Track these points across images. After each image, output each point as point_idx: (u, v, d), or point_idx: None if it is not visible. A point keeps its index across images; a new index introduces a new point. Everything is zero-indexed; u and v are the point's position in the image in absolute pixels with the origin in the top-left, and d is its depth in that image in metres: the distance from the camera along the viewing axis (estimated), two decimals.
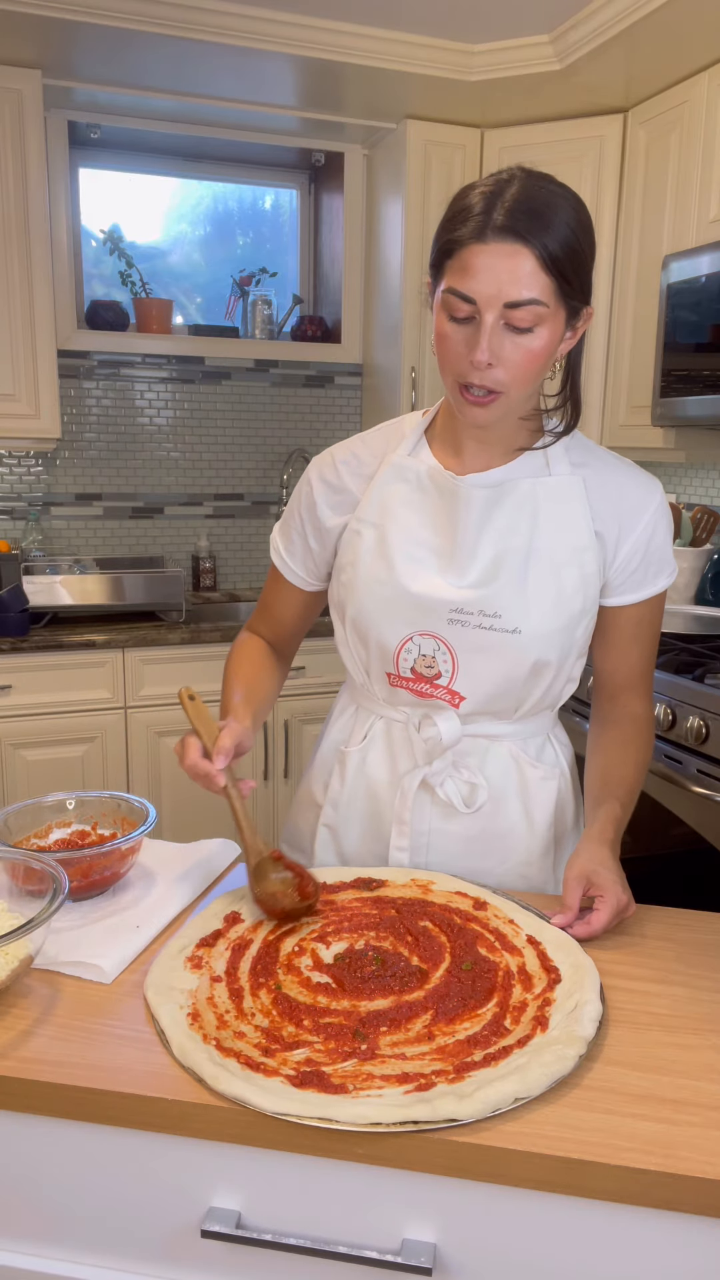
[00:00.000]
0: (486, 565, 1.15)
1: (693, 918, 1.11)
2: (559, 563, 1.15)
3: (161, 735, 2.88)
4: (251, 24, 2.47)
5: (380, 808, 1.26)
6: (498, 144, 2.97)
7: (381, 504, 1.19)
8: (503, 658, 1.16)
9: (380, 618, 1.19)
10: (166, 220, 3.41)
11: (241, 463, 3.47)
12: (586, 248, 1.03)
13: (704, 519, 2.84)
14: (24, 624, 2.74)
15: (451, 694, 1.20)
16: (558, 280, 1.00)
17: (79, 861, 1.06)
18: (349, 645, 1.25)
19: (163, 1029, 0.86)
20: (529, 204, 0.98)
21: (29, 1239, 0.87)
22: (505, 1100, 0.77)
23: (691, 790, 1.99)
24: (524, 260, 0.98)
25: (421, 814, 1.24)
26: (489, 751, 1.24)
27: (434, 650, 1.18)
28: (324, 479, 1.24)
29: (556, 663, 1.19)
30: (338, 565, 1.24)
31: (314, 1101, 0.76)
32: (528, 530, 1.15)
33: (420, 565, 1.17)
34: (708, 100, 2.44)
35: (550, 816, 1.26)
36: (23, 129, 2.70)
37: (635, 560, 1.18)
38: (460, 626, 1.16)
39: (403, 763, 1.25)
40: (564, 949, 0.99)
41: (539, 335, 1.02)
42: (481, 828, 1.24)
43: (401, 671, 1.21)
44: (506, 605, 1.15)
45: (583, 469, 1.17)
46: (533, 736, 1.26)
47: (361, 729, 1.28)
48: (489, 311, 1.00)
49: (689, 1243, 0.75)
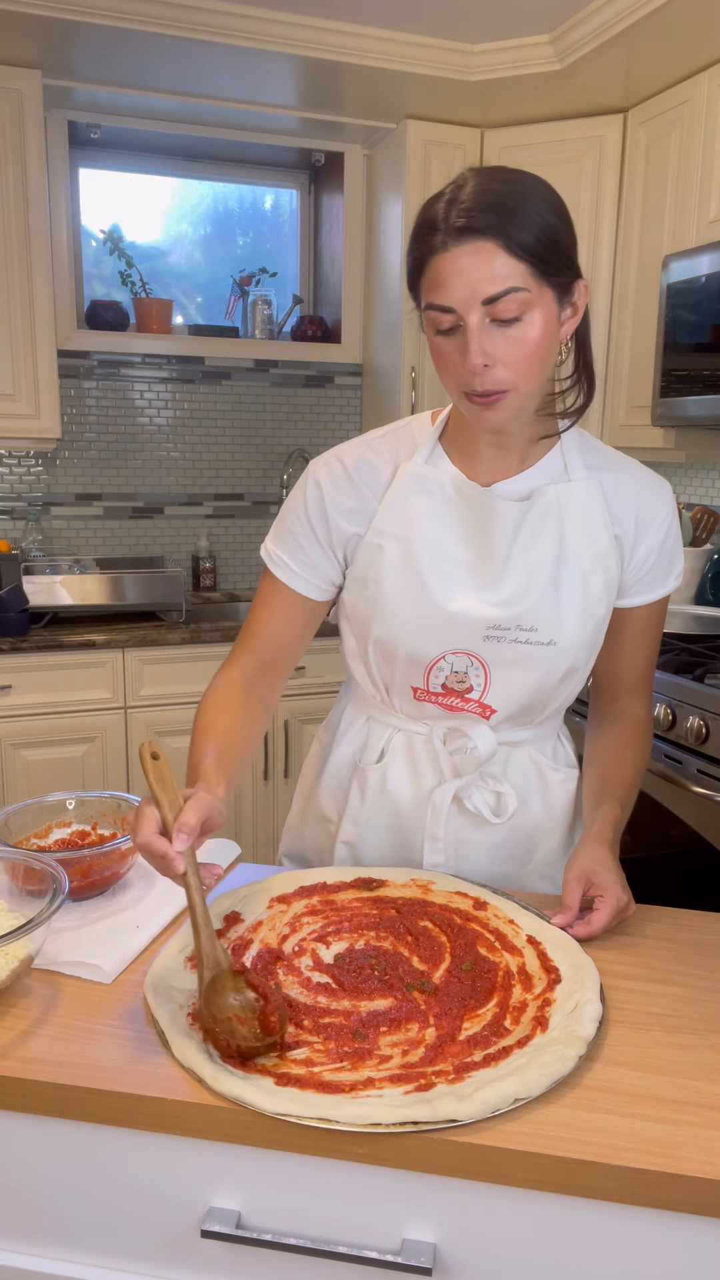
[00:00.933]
0: (520, 578, 1.13)
1: (693, 918, 1.11)
2: (586, 571, 1.14)
3: (161, 735, 2.88)
4: (251, 24, 2.47)
5: (404, 822, 1.25)
6: (498, 144, 2.97)
7: (403, 516, 1.14)
8: (538, 669, 1.15)
9: (413, 637, 1.15)
10: (166, 220, 3.42)
11: (241, 463, 3.47)
12: (556, 222, 1.00)
13: (704, 519, 2.84)
14: (24, 624, 2.74)
15: (483, 707, 1.19)
16: (531, 263, 0.97)
17: (79, 861, 1.06)
18: (369, 661, 1.20)
19: (162, 1029, 0.86)
20: (483, 199, 0.97)
21: (29, 1239, 0.87)
22: (505, 1101, 0.77)
23: (691, 790, 1.99)
24: (491, 254, 0.96)
25: (451, 826, 1.22)
26: (510, 758, 1.23)
27: (467, 666, 1.16)
28: (335, 483, 1.16)
29: (584, 668, 1.19)
30: (357, 579, 1.17)
31: (314, 1102, 0.76)
32: (554, 539, 1.13)
33: (452, 582, 1.13)
34: (708, 100, 2.44)
35: (570, 815, 1.28)
36: (23, 129, 2.71)
37: (650, 561, 1.18)
38: (496, 642, 1.14)
39: (427, 776, 1.23)
40: (564, 949, 0.99)
41: (530, 323, 0.99)
42: (507, 834, 1.24)
43: (431, 688, 1.18)
44: (543, 619, 1.13)
45: (599, 472, 1.16)
46: (548, 739, 1.27)
47: (378, 744, 1.25)
48: (471, 314, 0.98)
49: (689, 1243, 0.75)
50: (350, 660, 1.25)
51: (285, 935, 1.02)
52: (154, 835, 0.89)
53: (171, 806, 0.91)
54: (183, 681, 2.88)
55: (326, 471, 1.17)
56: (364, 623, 1.18)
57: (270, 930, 1.03)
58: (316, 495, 1.17)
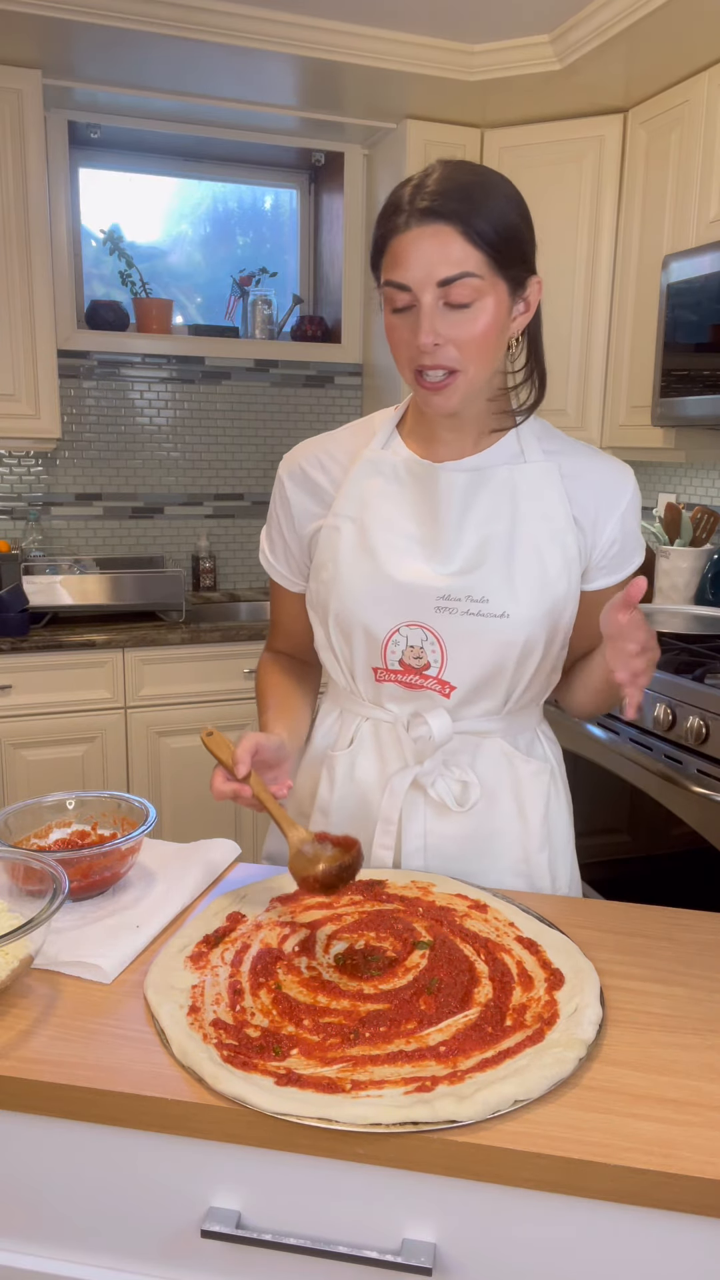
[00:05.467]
0: (471, 551, 1.15)
1: (693, 918, 1.11)
2: (542, 546, 1.16)
3: (162, 735, 2.88)
4: (251, 24, 2.47)
5: (371, 811, 1.25)
6: (498, 144, 2.97)
7: (359, 498, 1.19)
8: (492, 642, 1.16)
9: (366, 611, 1.18)
10: (166, 220, 3.42)
11: (241, 463, 3.47)
12: (514, 218, 1.05)
13: (704, 519, 2.84)
14: (24, 624, 2.74)
15: (441, 684, 1.19)
16: (488, 252, 1.02)
17: (79, 861, 1.06)
18: (331, 646, 1.24)
19: (163, 1028, 0.86)
20: (448, 185, 1.02)
21: (29, 1239, 0.87)
22: (505, 1102, 0.77)
23: (691, 790, 1.99)
24: (449, 238, 1.01)
25: (415, 815, 1.23)
26: (480, 748, 1.23)
27: (422, 640, 1.17)
28: (293, 478, 1.24)
29: (544, 647, 1.18)
30: (316, 564, 1.23)
31: (314, 1101, 0.76)
32: (509, 515, 1.15)
33: (404, 555, 1.16)
34: (708, 100, 2.44)
35: (543, 812, 1.26)
36: (23, 129, 2.71)
37: (616, 544, 1.20)
38: (448, 614, 1.16)
39: (392, 764, 1.24)
40: (564, 952, 0.99)
41: (481, 309, 1.03)
42: (476, 826, 1.23)
43: (389, 664, 1.20)
44: (494, 589, 1.15)
45: (556, 456, 1.18)
46: (522, 732, 1.26)
47: (348, 733, 1.27)
48: (425, 293, 1.03)
49: (689, 1243, 0.75)
50: (321, 652, 1.28)
51: (285, 935, 1.02)
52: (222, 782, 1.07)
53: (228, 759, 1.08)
54: (183, 681, 2.88)
55: (288, 465, 1.26)
56: (324, 605, 1.22)
57: (271, 930, 1.03)
58: (282, 494, 1.26)
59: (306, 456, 1.24)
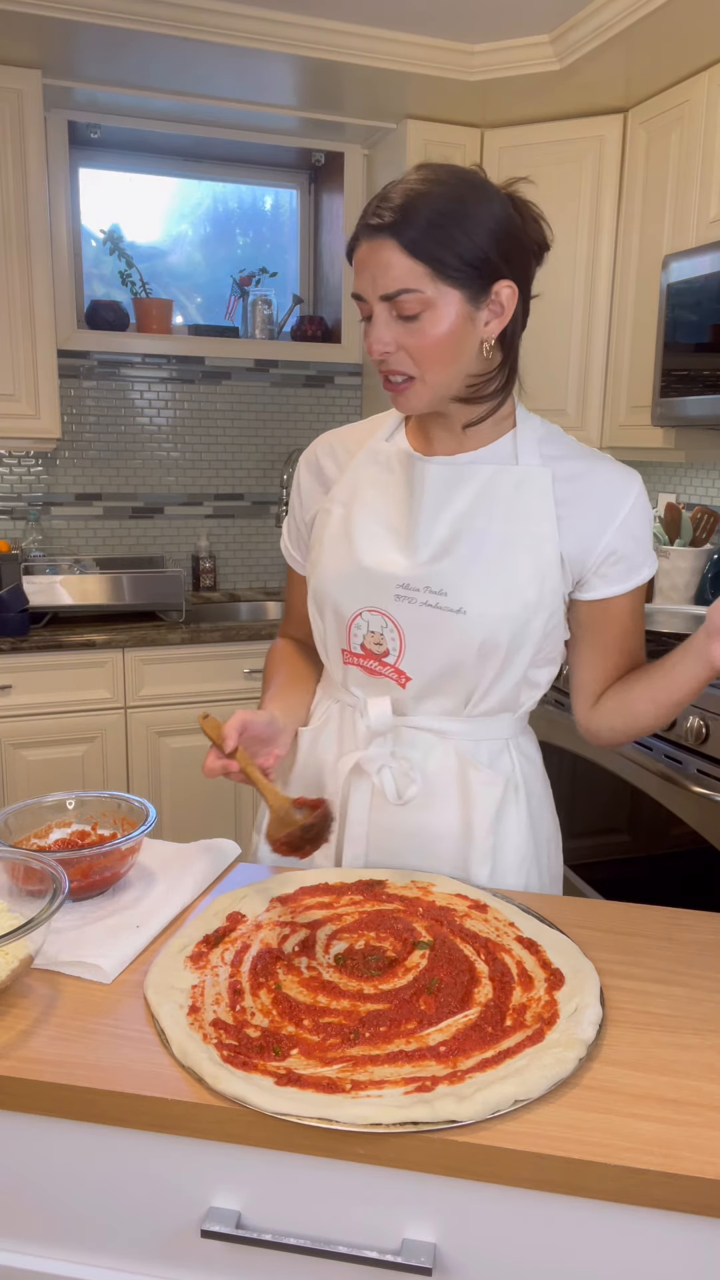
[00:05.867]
0: (439, 544, 1.16)
1: (693, 918, 1.11)
2: (515, 549, 1.14)
3: (162, 735, 2.88)
4: (251, 24, 2.47)
5: (324, 790, 1.27)
6: (498, 144, 2.97)
7: (353, 485, 1.23)
8: (449, 638, 1.15)
9: (335, 591, 1.21)
10: (166, 220, 3.42)
11: (241, 463, 3.47)
12: (465, 227, 1.02)
13: (704, 519, 2.84)
14: (24, 624, 2.74)
15: (399, 673, 1.20)
16: (430, 264, 1.02)
17: (79, 861, 1.06)
18: (315, 623, 1.28)
19: (163, 1028, 0.86)
20: (396, 199, 1.03)
21: (29, 1239, 0.87)
22: (505, 1102, 0.77)
23: (691, 790, 1.99)
24: (389, 252, 1.02)
25: (361, 804, 1.23)
26: (434, 748, 1.21)
27: (382, 627, 1.19)
28: (308, 463, 1.30)
29: (506, 650, 1.15)
30: (310, 545, 1.28)
31: (314, 1101, 0.76)
32: (487, 514, 1.15)
33: (376, 541, 1.19)
34: (708, 100, 2.44)
35: (489, 825, 1.21)
36: (23, 129, 2.71)
37: (624, 550, 1.16)
38: (407, 603, 1.16)
39: (347, 746, 1.26)
40: (564, 952, 0.99)
41: (431, 320, 1.04)
42: (417, 827, 1.21)
43: (353, 647, 1.22)
44: (452, 584, 1.14)
45: (554, 461, 1.17)
46: (487, 740, 1.23)
47: (321, 712, 1.31)
48: (375, 305, 1.06)
49: (689, 1243, 0.75)
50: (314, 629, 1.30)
51: (285, 935, 1.02)
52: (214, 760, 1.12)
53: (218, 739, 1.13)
54: (183, 681, 2.88)
55: (306, 456, 1.31)
56: (309, 585, 1.26)
57: (270, 930, 1.03)
58: (296, 482, 1.33)
59: (323, 444, 1.30)
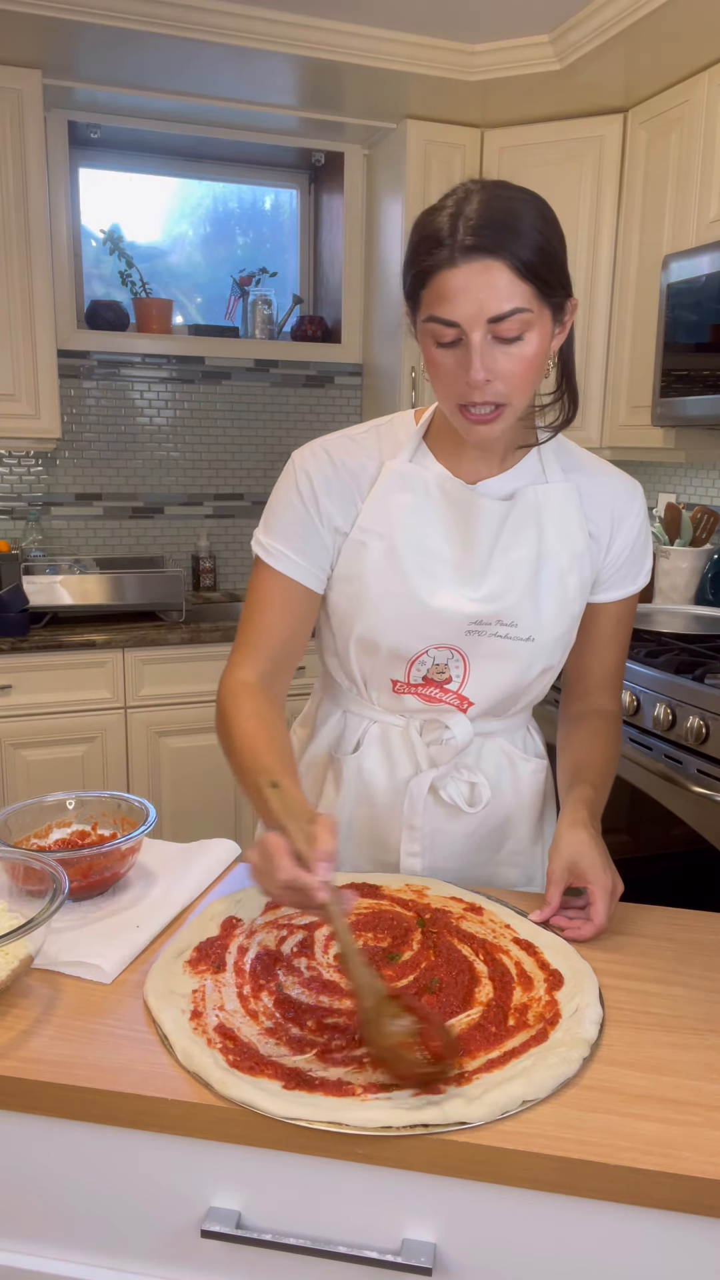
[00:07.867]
0: (501, 577, 1.16)
1: (693, 918, 1.11)
2: (564, 570, 1.18)
3: (161, 735, 2.88)
4: (251, 24, 2.47)
5: (378, 813, 1.26)
6: (498, 144, 2.96)
7: (387, 514, 1.15)
8: (516, 663, 1.19)
9: (396, 632, 1.17)
10: (166, 220, 3.41)
11: (241, 463, 3.47)
12: (557, 244, 1.03)
13: (704, 519, 2.84)
14: (24, 624, 2.74)
15: (461, 699, 1.21)
16: (536, 284, 0.99)
17: (79, 861, 1.06)
18: (349, 656, 1.21)
19: (166, 1034, 0.85)
20: (491, 216, 0.98)
21: (29, 1239, 0.87)
22: (513, 1102, 0.77)
23: (691, 790, 1.99)
24: (499, 274, 0.97)
25: (427, 816, 1.24)
26: (483, 749, 1.26)
27: (448, 659, 1.19)
28: (322, 471, 1.16)
29: (558, 665, 1.23)
30: (341, 577, 1.18)
31: (324, 1105, 0.76)
32: (534, 539, 1.16)
33: (436, 579, 1.15)
34: (708, 100, 2.44)
35: (539, 804, 1.31)
36: (23, 129, 2.70)
37: (623, 559, 1.22)
38: (477, 636, 1.17)
39: (402, 767, 1.24)
40: (561, 953, 0.99)
41: (529, 341, 1.01)
42: (480, 822, 1.26)
43: (412, 680, 1.21)
44: (522, 615, 1.17)
45: (574, 474, 1.20)
46: (518, 730, 1.30)
47: (354, 735, 1.27)
48: (475, 331, 0.99)
49: (689, 1243, 0.75)
50: (327, 656, 1.28)
51: (283, 937, 1.02)
52: (297, 870, 0.83)
53: (301, 836, 0.85)
54: (183, 681, 2.88)
55: (314, 460, 1.17)
56: (346, 619, 1.19)
57: (268, 933, 1.03)
58: (307, 484, 1.16)
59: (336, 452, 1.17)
